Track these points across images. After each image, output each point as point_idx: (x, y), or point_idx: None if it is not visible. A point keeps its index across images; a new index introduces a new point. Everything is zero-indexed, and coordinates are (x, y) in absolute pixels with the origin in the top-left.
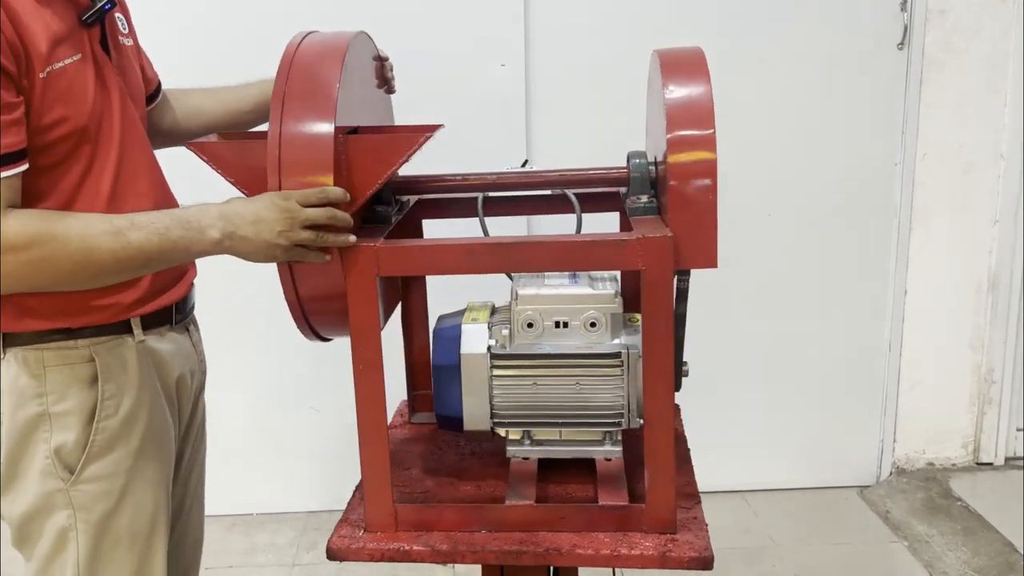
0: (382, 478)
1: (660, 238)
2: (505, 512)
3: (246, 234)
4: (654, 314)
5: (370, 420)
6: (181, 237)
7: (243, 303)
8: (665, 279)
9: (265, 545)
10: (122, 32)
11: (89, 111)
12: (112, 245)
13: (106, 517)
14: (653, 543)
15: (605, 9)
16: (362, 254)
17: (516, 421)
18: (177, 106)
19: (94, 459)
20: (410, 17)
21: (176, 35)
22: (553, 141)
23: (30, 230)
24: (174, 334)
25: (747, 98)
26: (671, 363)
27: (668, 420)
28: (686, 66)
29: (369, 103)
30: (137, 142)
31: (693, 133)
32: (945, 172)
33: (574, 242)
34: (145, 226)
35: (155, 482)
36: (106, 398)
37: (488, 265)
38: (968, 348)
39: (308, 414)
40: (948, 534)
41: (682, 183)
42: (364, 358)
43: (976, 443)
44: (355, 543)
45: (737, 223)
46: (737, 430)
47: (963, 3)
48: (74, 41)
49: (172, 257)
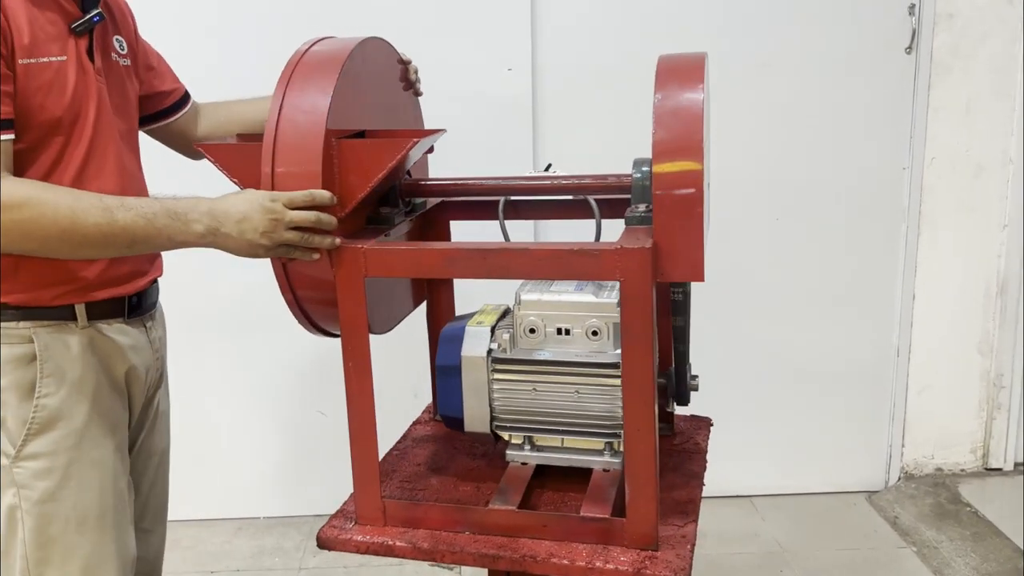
0: (371, 473)
1: (638, 249)
2: (488, 515)
3: (229, 231)
4: (632, 327)
5: (359, 415)
6: (166, 226)
7: (250, 308)
8: (644, 291)
9: (272, 549)
10: (118, 52)
11: (66, 105)
12: (99, 219)
13: (49, 496)
14: (630, 559)
15: (611, 13)
16: (350, 255)
17: (515, 426)
18: (216, 117)
19: (34, 436)
20: (417, 22)
21: (190, 43)
22: (560, 145)
23: (23, 192)
24: (127, 327)
25: (755, 102)
26: (651, 376)
27: (648, 433)
28: (680, 73)
29: (388, 107)
30: (110, 147)
31: (678, 142)
32: (953, 176)
33: (553, 251)
34: (133, 208)
35: (101, 465)
36: (45, 376)
37: (468, 270)
38: (977, 353)
39: (315, 417)
40: (957, 540)
41: (666, 193)
42: (353, 356)
43: (985, 448)
44: (343, 534)
45: (744, 227)
46: (745, 434)
47: (971, 7)
48: (61, 44)
49: (156, 243)
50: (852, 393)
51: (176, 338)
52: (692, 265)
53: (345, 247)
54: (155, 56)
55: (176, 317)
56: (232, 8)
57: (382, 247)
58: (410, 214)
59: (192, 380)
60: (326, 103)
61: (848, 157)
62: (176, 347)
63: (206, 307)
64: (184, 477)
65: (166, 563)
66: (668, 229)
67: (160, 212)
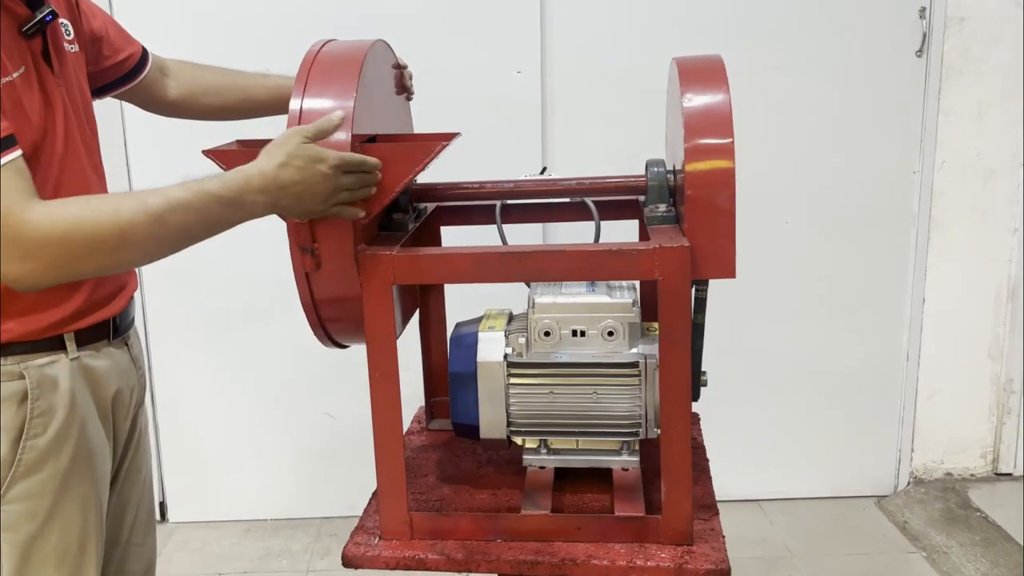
0: (397, 486)
1: (677, 248)
2: (520, 521)
3: (288, 204)
4: (671, 324)
5: (386, 427)
6: (222, 215)
7: (257, 308)
8: (682, 289)
9: (280, 551)
10: (66, 38)
11: (34, 126)
12: (149, 229)
13: (32, 538)
14: (669, 555)
15: (621, 16)
16: (378, 262)
17: (532, 430)
18: (186, 78)
19: (20, 479)
20: (426, 24)
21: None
22: (569, 148)
23: (62, 216)
24: (111, 349)
25: (765, 106)
26: (688, 374)
27: (685, 430)
28: (705, 74)
29: (388, 110)
30: (79, 157)
31: (711, 142)
32: (964, 180)
33: (590, 251)
34: (181, 206)
35: (84, 501)
36: (35, 416)
37: (503, 274)
38: (987, 357)
39: (323, 419)
40: (967, 545)
41: (700, 192)
42: (380, 366)
43: (995, 453)
44: (370, 551)
45: (754, 231)
46: (754, 438)
47: (982, 10)
48: (16, 54)
49: (215, 231)
50: (861, 397)
51: (185, 340)
52: (724, 262)
53: (372, 254)
54: (99, 21)
55: (185, 319)
56: (245, 7)
57: (411, 253)
58: (416, 220)
59: (201, 382)
60: (350, 106)
61: (858, 161)
62: (185, 349)
63: (215, 308)
64: (192, 479)
65: (174, 565)
66: (701, 227)
67: (211, 202)
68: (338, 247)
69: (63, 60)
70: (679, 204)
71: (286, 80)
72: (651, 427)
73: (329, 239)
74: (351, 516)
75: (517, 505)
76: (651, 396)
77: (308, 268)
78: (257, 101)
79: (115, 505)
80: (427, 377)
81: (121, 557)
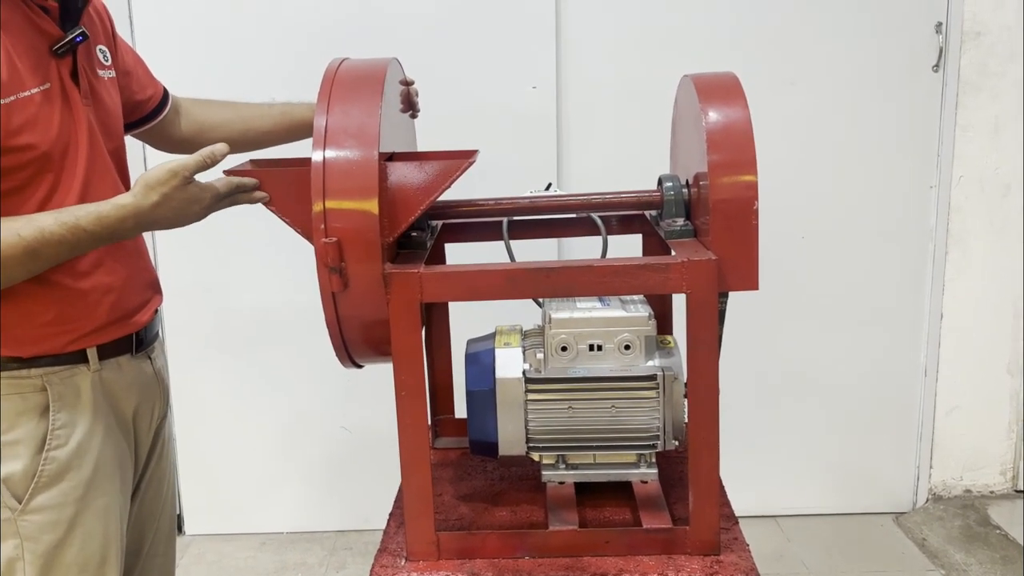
0: (424, 506)
1: (706, 261)
2: (549, 537)
3: (161, 227)
4: (699, 337)
5: (412, 447)
6: (91, 246)
7: (274, 323)
8: (711, 302)
9: (295, 564)
10: (102, 64)
11: (53, 139)
12: (22, 260)
13: (54, 547)
14: (699, 565)
15: (636, 31)
16: (406, 280)
17: (551, 445)
18: (195, 116)
19: (42, 489)
20: (442, 40)
21: (197, 53)
22: (584, 163)
23: None
24: (134, 362)
25: (781, 120)
26: (716, 386)
27: (713, 442)
28: (723, 90)
29: (398, 128)
30: (105, 175)
31: (734, 156)
32: (981, 195)
33: (619, 266)
34: (57, 241)
35: (106, 512)
36: (57, 428)
37: (531, 290)
38: (1006, 373)
39: (339, 434)
40: (986, 563)
41: (725, 205)
42: (407, 384)
43: (1015, 470)
44: (398, 572)
45: (770, 246)
46: (771, 453)
47: (999, 25)
48: (43, 70)
49: (86, 249)
50: (879, 413)
51: (201, 354)
52: (748, 275)
53: (399, 272)
54: (131, 57)
55: (203, 334)
56: (270, 19)
57: (439, 271)
58: (431, 237)
59: (217, 396)
60: (376, 125)
61: (875, 176)
62: (201, 363)
63: (232, 323)
64: (208, 492)
65: None
66: (726, 241)
67: (85, 239)
68: (366, 266)
69: (95, 83)
70: (696, 217)
71: (290, 107)
72: (669, 439)
73: (357, 258)
74: (366, 530)
75: (539, 521)
76: (669, 408)
77: (336, 288)
78: (260, 131)
79: (136, 516)
80: (432, 395)
81: (141, 568)
